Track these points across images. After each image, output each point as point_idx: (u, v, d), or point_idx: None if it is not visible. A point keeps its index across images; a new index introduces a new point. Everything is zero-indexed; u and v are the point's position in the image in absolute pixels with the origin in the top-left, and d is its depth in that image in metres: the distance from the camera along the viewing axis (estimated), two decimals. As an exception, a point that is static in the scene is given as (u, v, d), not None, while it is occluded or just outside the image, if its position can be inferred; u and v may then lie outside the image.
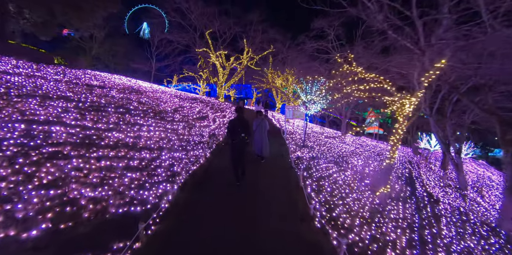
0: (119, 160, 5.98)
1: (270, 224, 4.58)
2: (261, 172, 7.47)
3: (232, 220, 4.67)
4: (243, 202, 5.44)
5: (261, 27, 29.36)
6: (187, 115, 13.00)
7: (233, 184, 6.31)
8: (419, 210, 7.54)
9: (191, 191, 5.83)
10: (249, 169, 7.06)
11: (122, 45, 40.59)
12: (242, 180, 6.37)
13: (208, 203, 5.28)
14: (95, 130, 7.02)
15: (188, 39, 30.07)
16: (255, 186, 6.30)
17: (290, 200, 5.69)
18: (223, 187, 6.21)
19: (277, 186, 6.45)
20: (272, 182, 6.72)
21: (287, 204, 5.48)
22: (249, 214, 4.91)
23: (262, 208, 5.19)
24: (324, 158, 9.95)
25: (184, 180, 6.20)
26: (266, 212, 5.01)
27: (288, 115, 12.50)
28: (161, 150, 7.50)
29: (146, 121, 9.17)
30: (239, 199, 5.63)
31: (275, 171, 7.59)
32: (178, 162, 7.23)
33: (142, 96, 13.84)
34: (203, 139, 10.47)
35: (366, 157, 14.55)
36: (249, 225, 4.52)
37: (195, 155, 8.32)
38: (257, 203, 5.41)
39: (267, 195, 5.86)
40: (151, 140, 7.85)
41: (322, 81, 10.33)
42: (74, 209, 4.08)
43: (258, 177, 7.01)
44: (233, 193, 5.89)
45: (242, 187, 6.22)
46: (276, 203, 5.49)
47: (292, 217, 4.91)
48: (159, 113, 11.04)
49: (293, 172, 7.54)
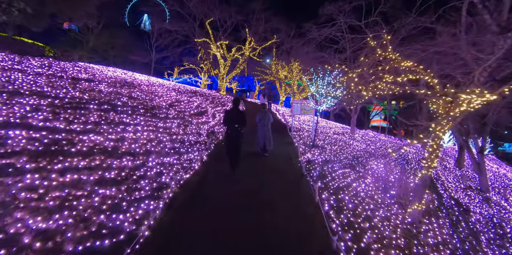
0: (91, 172, 4.82)
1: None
2: (268, 181, 6.30)
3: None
4: (245, 226, 4.29)
5: (264, 15, 27.74)
6: (184, 111, 11.80)
7: (232, 199, 5.17)
8: (455, 227, 6.39)
9: (181, 210, 4.68)
10: (253, 171, 5.94)
11: (121, 37, 38.84)
12: (237, 165, 6.62)
13: (202, 230, 4.12)
14: (67, 132, 5.85)
15: (187, 29, 28.60)
16: (263, 205, 5.14)
17: (304, 224, 4.50)
18: (222, 202, 5.06)
19: (288, 202, 5.28)
20: (282, 196, 5.55)
21: (302, 233, 4.28)
22: (255, 248, 3.76)
23: (271, 239, 4.02)
24: (338, 160, 8.76)
25: (172, 195, 5.05)
26: (278, 248, 3.82)
27: (296, 111, 11.26)
28: (147, 154, 6.34)
29: (134, 120, 7.98)
30: (240, 220, 4.49)
31: (284, 180, 6.41)
32: (167, 169, 6.08)
33: (135, 90, 12.63)
34: (200, 138, 9.29)
35: (383, 157, 13.34)
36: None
37: (189, 158, 7.16)
38: (266, 231, 4.23)
39: (277, 217, 4.69)
40: (137, 143, 6.67)
41: (337, 71, 9.02)
42: (10, 253, 2.95)
43: (265, 188, 5.85)
44: (233, 210, 4.74)
45: (244, 202, 5.08)
46: (289, 231, 4.31)
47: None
48: (151, 109, 9.84)
49: (304, 181, 6.36)
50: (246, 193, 5.53)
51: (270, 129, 8.41)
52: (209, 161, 7.53)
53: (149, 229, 3.91)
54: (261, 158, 8.15)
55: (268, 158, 8.15)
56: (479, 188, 14.93)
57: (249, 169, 7.01)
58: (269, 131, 8.36)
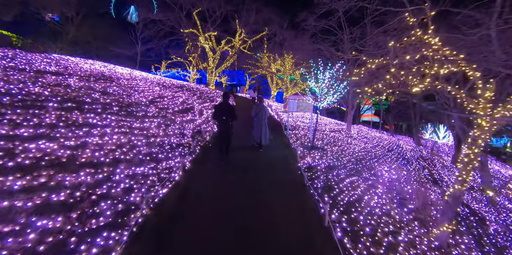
0: (30, 195, 3.62)
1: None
2: (265, 196, 5.21)
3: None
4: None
5: (255, 6, 26.29)
6: (167, 108, 10.54)
7: (220, 221, 4.07)
8: (480, 246, 5.50)
9: (153, 243, 3.55)
10: (247, 182, 4.85)
11: (104, 28, 36.51)
12: (226, 155, 6.99)
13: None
14: (8, 139, 4.59)
15: (173, 19, 26.90)
16: (259, 233, 4.05)
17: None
18: (206, 227, 3.96)
19: (291, 226, 4.21)
20: (283, 218, 4.47)
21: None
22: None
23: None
24: (342, 165, 7.75)
25: (143, 220, 3.92)
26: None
27: (292, 108, 10.17)
28: (115, 165, 5.14)
29: (103, 120, 6.72)
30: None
31: (283, 194, 5.32)
32: (139, 183, 4.92)
33: (112, 84, 11.25)
34: (184, 139, 8.11)
35: (384, 157, 12.46)
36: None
37: (169, 166, 6.00)
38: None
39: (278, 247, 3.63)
40: (103, 149, 5.45)
41: (340, 63, 7.94)
42: None
43: (262, 206, 4.77)
44: (221, 239, 3.64)
45: (235, 225, 3.98)
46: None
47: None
48: (127, 106, 8.56)
49: (307, 194, 5.30)
50: (238, 213, 4.45)
51: (266, 123, 8.46)
52: (193, 168, 6.39)
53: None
54: (256, 165, 7.02)
55: (264, 163, 7.04)
56: (482, 188, 14.32)
57: (243, 180, 5.92)
58: (265, 125, 8.38)
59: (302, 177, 6.01)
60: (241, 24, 25.85)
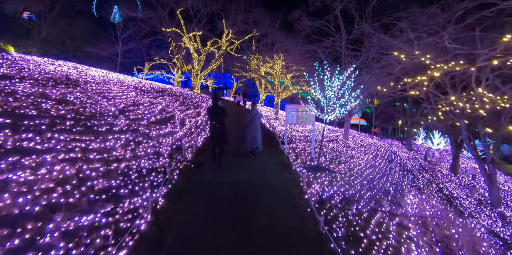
0: None
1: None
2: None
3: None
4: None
5: (243, 7, 24.64)
6: (140, 119, 8.82)
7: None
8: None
9: None
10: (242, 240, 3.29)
11: (81, 27, 33.90)
12: (220, 157, 7.08)
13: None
14: None
15: (155, 18, 24.99)
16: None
17: None
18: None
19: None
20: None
21: None
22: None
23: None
24: (357, 193, 6.30)
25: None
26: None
27: (291, 120, 8.68)
28: (47, 216, 3.47)
29: (45, 142, 4.98)
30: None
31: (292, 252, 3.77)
32: (83, 244, 3.28)
33: (75, 90, 9.43)
34: (159, 161, 6.47)
35: (390, 171, 11.20)
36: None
37: (132, 209, 4.36)
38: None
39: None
40: (32, 191, 3.76)
41: (353, 67, 6.52)
42: None
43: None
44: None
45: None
46: None
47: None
48: (88, 119, 6.82)
49: (326, 248, 3.78)
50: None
51: (260, 130, 8.36)
52: (168, 208, 4.76)
53: None
54: (250, 203, 5.38)
55: (261, 200, 5.36)
56: (490, 202, 13.32)
57: (238, 237, 4.35)
58: (259, 132, 8.27)
59: (313, 218, 4.48)
60: (228, 24, 24.28)
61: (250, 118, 8.20)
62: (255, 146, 8.17)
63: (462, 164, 23.25)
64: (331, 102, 6.87)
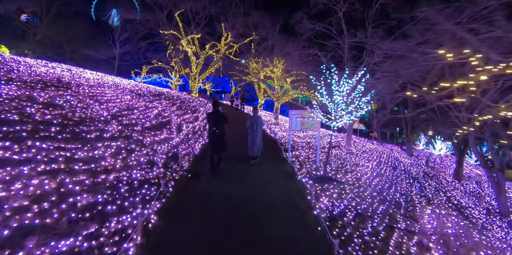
0: None
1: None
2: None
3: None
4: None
5: (242, 8, 24.30)
6: (134, 124, 8.29)
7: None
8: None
9: None
10: None
11: (78, 29, 33.39)
12: (219, 166, 6.94)
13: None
14: None
15: (153, 21, 24.58)
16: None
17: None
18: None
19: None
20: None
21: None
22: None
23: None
24: (369, 206, 5.80)
25: None
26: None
27: (294, 126, 8.20)
28: (17, 243, 2.93)
29: (23, 152, 4.43)
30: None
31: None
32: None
33: (66, 93, 8.90)
34: (153, 171, 5.94)
35: (397, 179, 10.70)
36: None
37: (120, 229, 3.82)
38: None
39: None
40: (1, 212, 3.22)
41: (363, 71, 6.06)
42: None
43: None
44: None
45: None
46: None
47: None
48: (76, 125, 6.29)
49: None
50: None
51: (260, 136, 8.23)
52: (161, 227, 4.21)
53: None
54: (252, 220, 4.84)
55: (264, 217, 4.77)
56: (498, 211, 12.85)
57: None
58: (259, 137, 8.15)
59: (325, 239, 3.97)
60: (227, 28, 23.89)
61: (251, 124, 8.12)
62: (255, 152, 8.02)
63: (465, 170, 22.79)
64: (339, 108, 6.42)
